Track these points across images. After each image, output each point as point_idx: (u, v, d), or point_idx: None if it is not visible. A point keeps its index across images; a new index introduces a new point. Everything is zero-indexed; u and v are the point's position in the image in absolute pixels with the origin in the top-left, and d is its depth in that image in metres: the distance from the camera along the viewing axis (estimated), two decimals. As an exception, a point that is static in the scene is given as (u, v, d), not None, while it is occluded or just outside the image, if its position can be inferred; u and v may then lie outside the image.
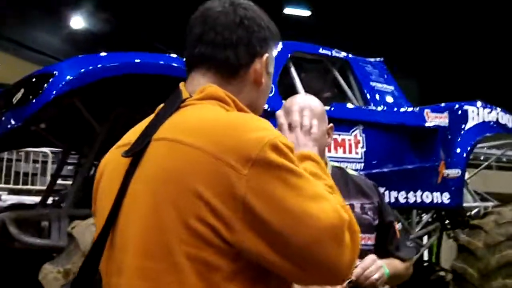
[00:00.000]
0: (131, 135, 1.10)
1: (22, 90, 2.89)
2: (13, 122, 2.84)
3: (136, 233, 0.97)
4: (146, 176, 1.00)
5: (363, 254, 1.78)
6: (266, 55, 1.15)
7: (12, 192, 7.82)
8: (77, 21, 14.15)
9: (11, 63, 13.16)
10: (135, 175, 1.01)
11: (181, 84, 1.14)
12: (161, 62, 3.16)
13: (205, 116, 1.02)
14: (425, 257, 6.90)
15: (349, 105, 4.45)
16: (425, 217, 5.24)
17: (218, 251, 0.92)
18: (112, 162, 1.11)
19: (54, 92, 2.77)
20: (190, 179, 0.94)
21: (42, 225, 3.20)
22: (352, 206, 1.84)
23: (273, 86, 3.70)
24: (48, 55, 13.84)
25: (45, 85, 2.79)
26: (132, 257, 0.97)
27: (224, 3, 1.15)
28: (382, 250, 1.91)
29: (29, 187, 8.05)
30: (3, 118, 2.90)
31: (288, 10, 15.20)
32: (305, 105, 1.80)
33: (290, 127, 1.83)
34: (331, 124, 1.90)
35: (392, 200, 4.24)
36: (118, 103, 3.28)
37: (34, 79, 2.92)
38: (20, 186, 8.02)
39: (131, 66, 3.00)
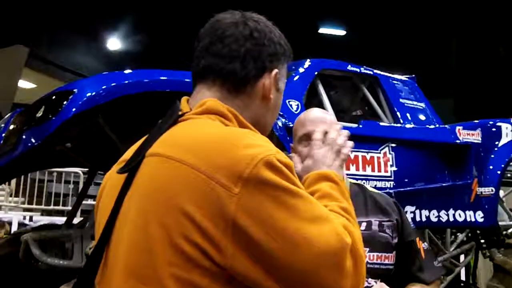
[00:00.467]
0: (130, 152, 1.08)
1: (43, 108, 2.85)
2: (33, 141, 2.79)
3: (125, 252, 0.95)
4: (138, 193, 0.97)
5: (380, 274, 1.75)
6: (276, 70, 1.12)
7: (44, 213, 7.86)
8: (113, 42, 14.48)
9: (47, 84, 13.51)
10: (129, 192, 0.99)
11: (184, 98, 1.12)
12: (187, 80, 3.05)
13: (200, 131, 0.98)
14: (463, 277, 6.74)
15: (378, 122, 4.40)
16: (460, 236, 5.12)
17: (209, 274, 0.88)
18: (112, 179, 1.09)
19: (74, 110, 2.71)
20: (179, 197, 0.90)
21: (66, 246, 3.19)
22: (370, 223, 1.81)
23: (299, 103, 3.70)
24: (83, 76, 14.19)
25: (65, 102, 2.74)
26: (120, 277, 0.94)
27: (235, 15, 1.12)
28: (404, 270, 1.85)
29: (60, 207, 8.04)
30: (24, 137, 2.85)
31: (323, 30, 15.24)
32: (321, 117, 1.87)
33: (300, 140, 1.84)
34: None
35: (424, 219, 4.15)
36: (143, 121, 3.28)
37: (54, 97, 2.87)
38: (52, 207, 8.02)
39: (155, 83, 2.92)
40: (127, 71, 3.09)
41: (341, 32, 15.21)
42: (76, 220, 4.39)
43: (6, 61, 17.65)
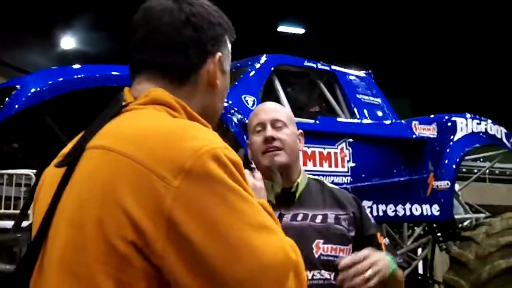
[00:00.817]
0: (70, 145, 0.99)
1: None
2: None
3: (60, 249, 0.87)
4: (76, 188, 0.89)
5: (336, 268, 1.71)
6: (219, 54, 1.04)
7: (-5, 217, 7.56)
8: (68, 41, 14.16)
9: None
10: (67, 187, 0.91)
11: (126, 89, 1.03)
12: None
13: (145, 122, 0.91)
14: (420, 271, 6.84)
15: (335, 118, 4.40)
16: (417, 230, 5.18)
17: (145, 275, 0.81)
18: (50, 175, 1.01)
19: (16, 107, 2.55)
20: (118, 192, 0.82)
21: (14, 250, 3.07)
22: (325, 216, 1.79)
23: (255, 99, 3.66)
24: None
25: (7, 99, 2.59)
26: (55, 274, 0.87)
27: (168, 0, 1.03)
28: None
29: (12, 211, 7.75)
30: None
31: (282, 28, 15.30)
32: (275, 107, 1.89)
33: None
34: (300, 131, 1.93)
35: (381, 213, 4.18)
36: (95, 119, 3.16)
37: None
38: (2, 211, 7.73)
39: (106, 78, 2.77)
40: (76, 66, 2.93)
41: (300, 31, 15.30)
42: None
43: None
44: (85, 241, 0.84)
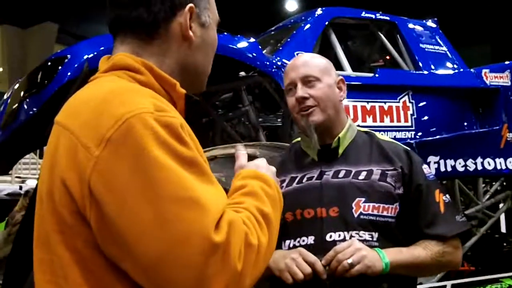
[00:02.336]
0: None
1: (40, 75, 2.79)
2: (33, 109, 2.75)
3: (35, 223, 0.91)
4: (44, 163, 0.92)
5: (378, 226, 1.60)
6: (190, 5, 0.99)
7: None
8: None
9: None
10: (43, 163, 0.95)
11: (103, 57, 1.02)
12: None
13: (90, 91, 0.91)
14: (503, 229, 6.51)
15: (395, 70, 4.18)
16: (494, 186, 4.91)
17: (90, 242, 0.81)
18: None
19: (69, 74, 2.63)
20: (60, 165, 0.84)
21: None
22: (370, 172, 1.64)
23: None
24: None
25: (59, 67, 2.67)
26: (35, 246, 0.91)
27: None
28: (410, 225, 1.65)
29: None
30: (24, 105, 2.81)
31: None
32: (305, 61, 1.74)
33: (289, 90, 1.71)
34: (341, 77, 1.78)
35: (449, 169, 3.95)
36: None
37: (49, 63, 2.81)
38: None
39: None
40: None
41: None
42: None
43: (38, 38, 17.95)
44: (43, 213, 0.87)
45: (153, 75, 0.94)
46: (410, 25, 4.51)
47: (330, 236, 1.57)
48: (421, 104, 3.95)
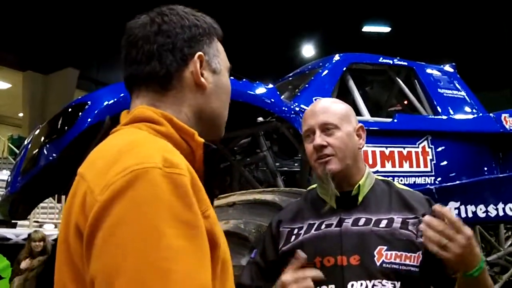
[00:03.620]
0: None
1: (60, 120, 2.83)
2: (52, 154, 2.78)
3: (55, 271, 0.91)
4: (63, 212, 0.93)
5: (400, 275, 1.55)
6: (199, 53, 1.03)
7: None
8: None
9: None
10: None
11: (124, 111, 1.05)
12: None
13: (110, 143, 0.92)
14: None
15: (414, 115, 4.17)
16: (517, 232, 4.79)
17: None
18: None
19: (89, 120, 2.66)
20: (74, 210, 0.85)
21: None
22: (391, 220, 1.61)
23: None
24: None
25: (80, 113, 2.72)
26: None
27: (145, 16, 1.05)
28: (436, 275, 1.60)
29: None
30: (44, 151, 2.84)
31: (367, 28, 15.01)
32: (324, 108, 1.71)
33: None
34: (361, 124, 1.74)
35: (470, 215, 3.85)
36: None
37: (70, 109, 2.85)
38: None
39: None
40: None
41: (386, 29, 14.89)
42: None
43: (59, 84, 18.34)
44: (61, 261, 0.87)
45: (172, 125, 0.95)
46: (428, 70, 4.52)
47: (352, 285, 1.52)
48: (440, 149, 3.90)
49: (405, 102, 4.72)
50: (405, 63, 4.45)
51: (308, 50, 16.46)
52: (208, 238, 0.82)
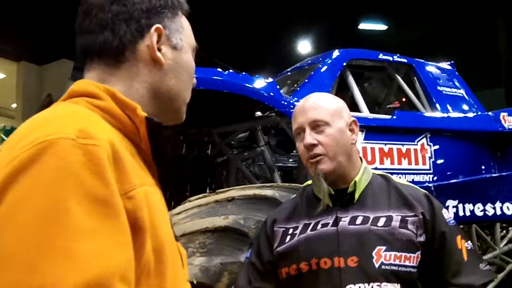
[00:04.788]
0: None
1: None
2: None
3: None
4: None
5: (399, 277, 1.51)
6: (157, 25, 0.95)
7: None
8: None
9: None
10: None
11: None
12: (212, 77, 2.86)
13: (32, 118, 0.83)
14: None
15: (413, 112, 4.15)
16: (512, 231, 4.79)
17: None
18: None
19: None
20: None
21: None
22: (389, 218, 1.56)
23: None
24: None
25: None
26: None
27: None
28: (433, 274, 1.57)
29: None
30: None
31: (363, 25, 14.97)
32: (314, 104, 1.65)
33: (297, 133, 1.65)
34: (353, 118, 1.69)
35: (468, 213, 3.85)
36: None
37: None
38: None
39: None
40: None
41: (382, 27, 14.86)
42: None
43: (53, 75, 18.21)
44: None
45: (114, 100, 0.88)
46: (427, 68, 4.49)
47: None
48: (439, 147, 3.88)
49: (404, 99, 4.69)
50: (405, 60, 4.42)
51: (304, 46, 16.40)
52: (130, 221, 0.75)
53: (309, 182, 1.76)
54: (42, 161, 0.69)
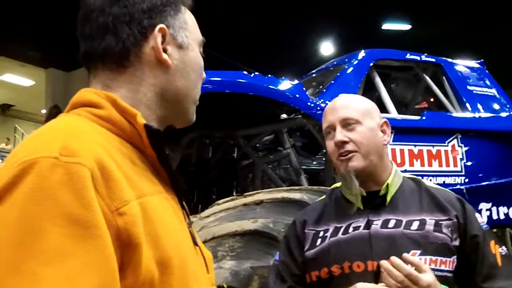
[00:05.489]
0: None
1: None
2: None
3: None
4: None
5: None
6: (161, 25, 0.91)
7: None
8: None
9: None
10: None
11: None
12: (239, 80, 2.86)
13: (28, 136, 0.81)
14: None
15: (443, 113, 4.05)
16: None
17: None
18: None
19: None
20: None
21: None
22: (423, 221, 1.52)
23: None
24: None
25: None
26: None
27: None
28: (466, 279, 1.53)
29: None
30: None
31: (387, 26, 14.84)
32: (345, 103, 1.62)
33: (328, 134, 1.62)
34: (385, 120, 1.65)
35: (502, 217, 3.73)
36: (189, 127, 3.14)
37: None
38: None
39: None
40: None
41: (406, 27, 14.71)
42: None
43: (80, 81, 18.49)
44: None
45: (115, 107, 0.85)
46: (457, 67, 4.40)
47: None
48: (470, 148, 3.79)
49: (432, 99, 4.60)
50: (433, 60, 4.33)
51: (327, 47, 16.33)
52: (123, 238, 0.72)
53: (338, 184, 1.72)
54: (22, 183, 0.67)
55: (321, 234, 1.61)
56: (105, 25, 0.89)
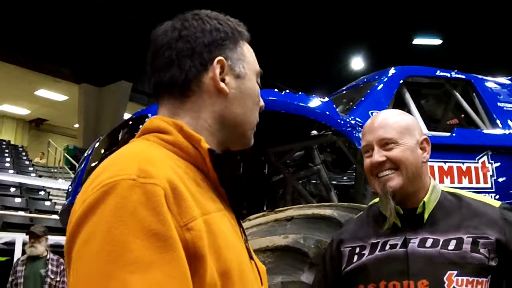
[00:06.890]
0: None
1: (121, 134, 2.91)
2: None
3: None
4: None
5: None
6: (219, 58, 1.01)
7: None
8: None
9: (148, 115, 14.13)
10: None
11: None
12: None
13: (106, 159, 0.91)
14: None
15: (473, 129, 4.04)
16: None
17: None
18: None
19: None
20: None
21: None
22: (460, 240, 1.51)
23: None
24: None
25: (140, 126, 2.76)
26: None
27: (167, 23, 1.04)
28: None
29: None
30: None
31: (417, 41, 14.78)
32: (383, 122, 1.63)
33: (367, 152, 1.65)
34: (425, 136, 1.65)
35: (533, 234, 3.71)
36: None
37: (130, 122, 2.93)
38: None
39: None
40: None
41: (437, 42, 14.61)
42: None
43: (112, 96, 18.82)
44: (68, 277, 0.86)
45: (181, 133, 0.94)
46: (487, 83, 4.38)
47: None
48: (501, 165, 3.76)
49: (462, 115, 4.59)
50: (463, 76, 4.33)
51: (357, 63, 16.31)
52: (190, 250, 0.80)
53: (375, 200, 1.73)
54: (106, 202, 0.77)
55: (357, 250, 1.62)
56: (170, 59, 1.00)
